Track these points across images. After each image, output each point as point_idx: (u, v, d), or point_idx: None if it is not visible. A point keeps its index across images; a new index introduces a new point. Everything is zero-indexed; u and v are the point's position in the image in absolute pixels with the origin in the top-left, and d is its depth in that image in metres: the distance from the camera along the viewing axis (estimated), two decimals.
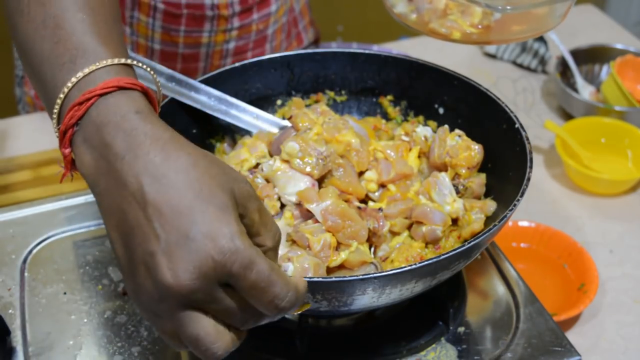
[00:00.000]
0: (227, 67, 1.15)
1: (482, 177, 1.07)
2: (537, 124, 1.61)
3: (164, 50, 1.49)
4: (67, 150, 0.73)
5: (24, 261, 1.11)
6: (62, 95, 0.72)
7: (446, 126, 1.09)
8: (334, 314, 1.02)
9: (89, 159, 0.71)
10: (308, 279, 0.84)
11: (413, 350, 0.98)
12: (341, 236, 0.95)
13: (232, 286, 0.65)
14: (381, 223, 0.99)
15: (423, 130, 1.12)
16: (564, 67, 1.67)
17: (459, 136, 1.07)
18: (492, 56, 1.83)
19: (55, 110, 0.73)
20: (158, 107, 0.78)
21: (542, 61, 1.76)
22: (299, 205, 0.99)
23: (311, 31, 1.76)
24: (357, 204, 1.02)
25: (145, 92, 0.74)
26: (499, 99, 1.07)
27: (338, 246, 0.96)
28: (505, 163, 1.04)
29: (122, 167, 0.66)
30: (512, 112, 1.04)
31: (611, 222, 1.39)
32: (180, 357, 0.98)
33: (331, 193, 0.98)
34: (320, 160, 1.01)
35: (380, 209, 1.01)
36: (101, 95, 0.70)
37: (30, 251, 1.13)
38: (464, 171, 1.05)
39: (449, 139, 1.06)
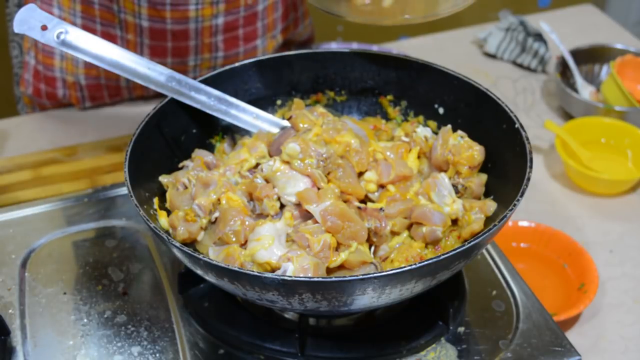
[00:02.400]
0: (227, 67, 1.15)
1: (483, 177, 1.07)
2: (537, 124, 1.61)
3: (153, 28, 1.48)
4: None
5: (24, 261, 1.11)
6: None
7: (449, 126, 1.09)
8: (334, 314, 1.02)
9: None
10: (308, 279, 0.84)
11: (413, 350, 0.99)
12: (341, 237, 0.95)
13: None
14: (383, 223, 0.99)
15: (423, 131, 1.12)
16: (564, 67, 1.67)
17: (461, 137, 1.07)
18: (492, 56, 1.83)
19: None
20: None
21: (542, 61, 1.76)
22: (298, 205, 0.99)
23: (309, 22, 1.75)
24: (357, 204, 1.02)
25: None
26: (499, 99, 1.07)
27: (338, 246, 0.96)
28: (505, 163, 1.04)
29: None
30: (512, 112, 1.04)
31: (611, 222, 1.39)
32: (179, 358, 0.98)
33: (331, 193, 0.98)
34: (320, 162, 1.01)
35: (381, 209, 1.01)
36: None
37: (31, 251, 1.13)
38: (465, 169, 1.05)
39: (452, 139, 1.07)
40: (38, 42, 1.49)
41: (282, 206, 1.01)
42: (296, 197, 0.99)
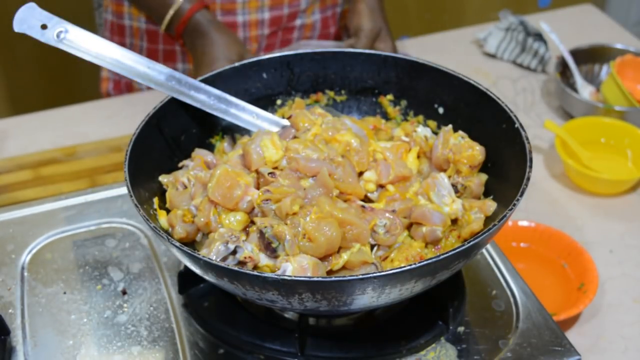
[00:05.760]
0: (227, 67, 1.15)
1: (482, 177, 1.07)
2: (537, 124, 1.61)
3: None
4: (181, 42, 1.55)
5: (24, 261, 1.11)
6: (171, 12, 1.51)
7: (450, 126, 1.09)
8: (333, 313, 1.02)
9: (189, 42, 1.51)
10: (307, 279, 0.84)
11: (413, 350, 0.99)
12: (343, 240, 0.94)
13: None
14: (397, 221, 0.98)
15: (423, 131, 1.12)
16: (564, 67, 1.67)
17: (462, 137, 1.07)
18: (492, 56, 1.83)
19: (165, 22, 1.52)
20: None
21: (542, 61, 1.76)
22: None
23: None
24: (361, 203, 1.01)
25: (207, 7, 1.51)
26: (499, 99, 1.07)
27: (340, 248, 0.95)
28: (505, 163, 1.04)
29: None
30: (512, 112, 1.04)
31: (611, 222, 1.39)
32: (179, 358, 0.98)
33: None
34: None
35: (394, 210, 1.00)
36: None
37: (30, 251, 1.13)
38: (465, 168, 1.05)
39: (452, 139, 1.06)
40: None
41: None
42: None
